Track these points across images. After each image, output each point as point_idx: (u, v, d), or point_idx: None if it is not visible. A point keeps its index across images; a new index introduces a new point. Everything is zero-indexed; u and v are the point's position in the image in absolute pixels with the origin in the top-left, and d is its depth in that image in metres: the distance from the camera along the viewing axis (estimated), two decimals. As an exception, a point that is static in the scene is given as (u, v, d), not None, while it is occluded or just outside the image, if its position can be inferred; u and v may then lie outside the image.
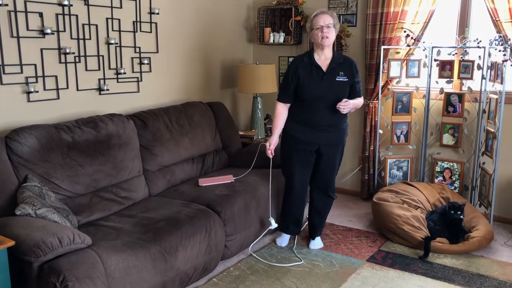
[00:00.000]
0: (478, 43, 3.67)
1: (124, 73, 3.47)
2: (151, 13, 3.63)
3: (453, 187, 3.96)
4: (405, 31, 3.92)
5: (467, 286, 2.87)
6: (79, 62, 3.16)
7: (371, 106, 4.18)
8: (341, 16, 4.33)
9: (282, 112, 3.19)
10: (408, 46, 3.95)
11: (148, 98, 3.71)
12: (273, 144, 3.23)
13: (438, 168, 4.03)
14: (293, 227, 3.40)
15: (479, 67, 3.73)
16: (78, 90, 3.18)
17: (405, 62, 4.02)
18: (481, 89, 3.75)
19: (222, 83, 4.53)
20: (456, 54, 3.84)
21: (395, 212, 3.48)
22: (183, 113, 3.63)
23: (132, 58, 3.54)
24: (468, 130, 3.93)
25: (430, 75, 3.93)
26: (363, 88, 4.18)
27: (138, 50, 3.57)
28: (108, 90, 3.36)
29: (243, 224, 3.15)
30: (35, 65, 2.91)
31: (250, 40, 4.82)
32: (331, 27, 3.02)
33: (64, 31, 3.04)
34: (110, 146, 2.97)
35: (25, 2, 2.80)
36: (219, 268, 3.05)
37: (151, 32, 3.67)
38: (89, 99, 3.27)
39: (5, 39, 2.74)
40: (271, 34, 4.55)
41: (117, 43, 3.39)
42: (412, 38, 3.91)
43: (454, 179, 3.97)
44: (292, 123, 3.18)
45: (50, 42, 2.98)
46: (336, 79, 3.07)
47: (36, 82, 2.93)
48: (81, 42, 3.15)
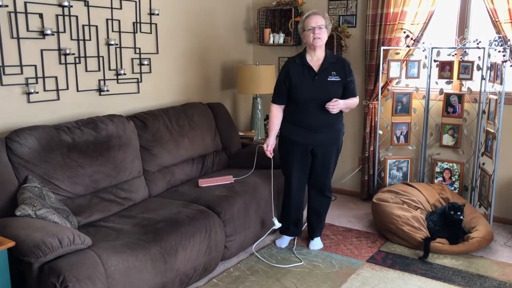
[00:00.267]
0: (478, 44, 3.67)
1: (124, 74, 3.47)
2: (151, 14, 3.64)
3: (452, 188, 3.96)
4: (404, 32, 3.92)
5: (467, 287, 2.87)
6: (79, 63, 3.17)
7: (371, 106, 4.18)
8: (340, 17, 4.33)
9: (277, 114, 3.21)
10: (408, 47, 3.95)
11: (148, 99, 3.71)
12: (270, 146, 3.24)
13: (438, 169, 4.03)
14: (293, 228, 3.40)
15: (479, 68, 3.73)
16: (78, 91, 3.18)
17: (404, 62, 4.02)
18: (480, 89, 3.74)
19: (222, 83, 4.54)
20: (455, 54, 3.84)
21: (395, 212, 3.48)
22: (183, 113, 3.63)
23: (132, 59, 3.55)
24: (468, 131, 3.93)
25: (429, 76, 3.93)
26: (363, 89, 4.20)
27: (138, 51, 3.57)
28: (108, 91, 3.36)
29: (243, 224, 3.15)
30: (35, 66, 2.91)
31: (250, 41, 4.83)
32: (323, 28, 3.02)
33: (64, 32, 3.04)
34: (110, 147, 2.98)
35: (25, 3, 2.81)
36: (219, 269, 3.05)
37: (151, 33, 3.67)
38: (89, 100, 3.27)
39: (5, 40, 2.74)
40: (271, 35, 4.55)
41: (117, 44, 3.39)
42: (411, 39, 3.91)
43: (454, 179, 3.97)
44: (287, 124, 3.20)
45: (50, 43, 2.98)
46: (328, 79, 3.07)
47: (36, 83, 2.93)
48: (81, 43, 3.15)
